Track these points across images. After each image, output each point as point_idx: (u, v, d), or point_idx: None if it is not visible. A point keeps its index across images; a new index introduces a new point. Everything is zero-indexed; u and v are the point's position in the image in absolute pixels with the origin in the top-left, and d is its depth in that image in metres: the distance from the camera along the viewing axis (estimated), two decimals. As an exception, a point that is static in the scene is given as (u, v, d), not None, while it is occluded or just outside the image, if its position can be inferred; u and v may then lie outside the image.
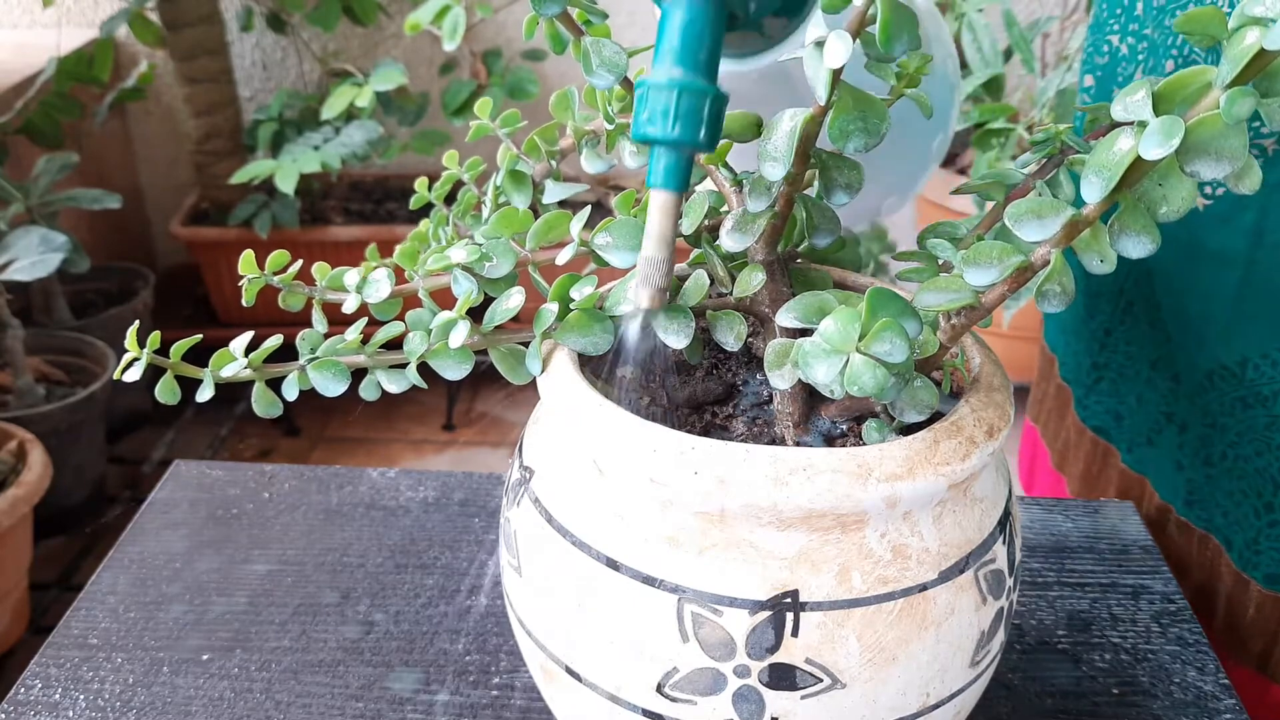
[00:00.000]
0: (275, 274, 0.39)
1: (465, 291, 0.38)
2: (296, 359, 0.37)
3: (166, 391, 0.36)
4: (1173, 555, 0.60)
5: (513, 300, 0.37)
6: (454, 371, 0.36)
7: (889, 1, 0.29)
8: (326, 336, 0.38)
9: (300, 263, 0.40)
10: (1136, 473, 0.63)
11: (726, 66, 0.42)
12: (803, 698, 0.33)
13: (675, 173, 0.34)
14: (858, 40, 0.30)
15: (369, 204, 2.02)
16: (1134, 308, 0.60)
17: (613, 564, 0.34)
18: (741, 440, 0.37)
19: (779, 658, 0.33)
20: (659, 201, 0.35)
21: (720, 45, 0.34)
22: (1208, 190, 0.53)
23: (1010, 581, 0.37)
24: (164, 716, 0.49)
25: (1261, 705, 0.58)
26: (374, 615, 0.54)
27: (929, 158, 0.54)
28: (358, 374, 0.38)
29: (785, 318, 0.34)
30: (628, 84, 0.38)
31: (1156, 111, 0.28)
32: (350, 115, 1.77)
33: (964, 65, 1.29)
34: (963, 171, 1.73)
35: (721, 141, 0.38)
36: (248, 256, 0.38)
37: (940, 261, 0.38)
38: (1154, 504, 0.62)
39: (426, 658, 0.52)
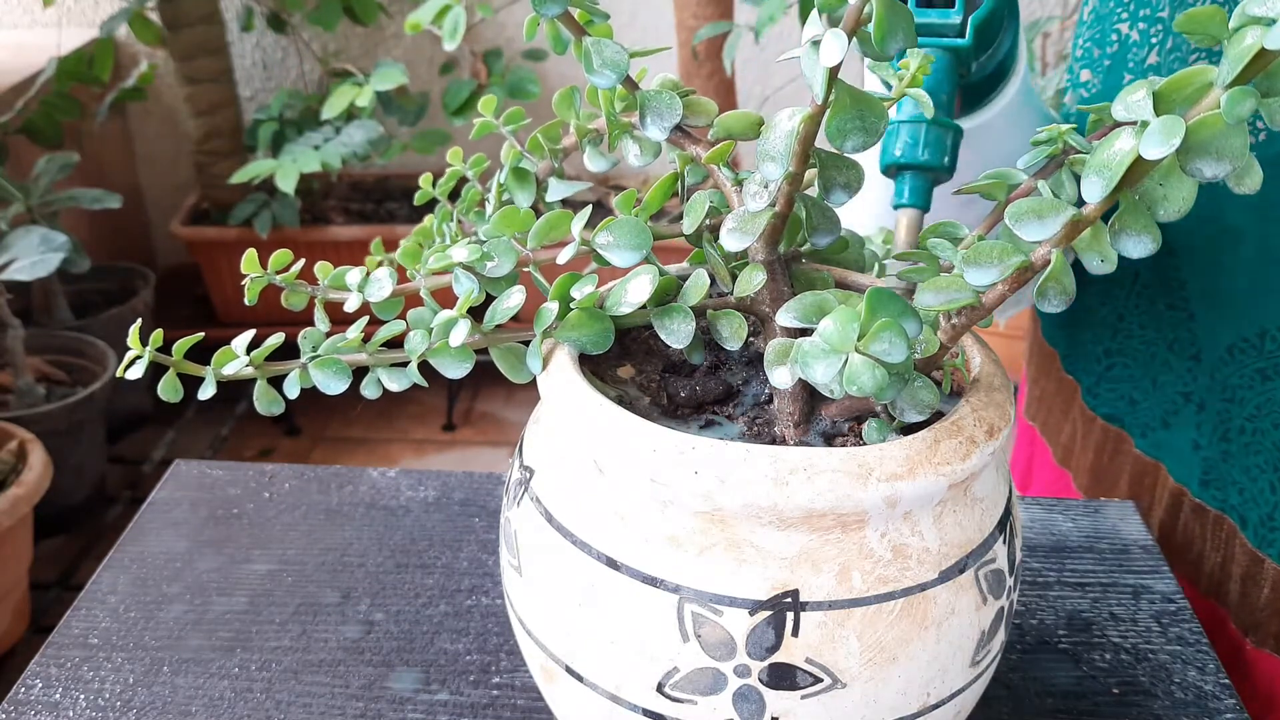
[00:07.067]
0: (278, 273, 0.39)
1: (466, 290, 0.38)
2: (297, 358, 0.37)
3: (169, 389, 0.36)
4: (1188, 541, 0.60)
5: (513, 299, 0.37)
6: (454, 370, 0.36)
7: (884, 0, 0.29)
8: (328, 335, 0.38)
9: (303, 262, 0.40)
10: (1151, 458, 0.63)
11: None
12: (803, 697, 0.33)
13: (920, 193, 0.41)
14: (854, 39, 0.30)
15: (369, 204, 2.02)
16: (1149, 290, 0.60)
17: (613, 564, 0.34)
18: (742, 440, 0.37)
19: (779, 657, 0.33)
20: (907, 219, 0.41)
21: (955, 93, 0.41)
22: None
23: (1010, 581, 0.37)
24: (164, 716, 0.49)
25: None
26: (374, 615, 0.54)
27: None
28: (359, 372, 0.38)
29: (785, 317, 0.34)
30: (630, 83, 0.38)
31: (1157, 111, 0.28)
32: (350, 115, 1.77)
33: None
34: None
35: (723, 141, 0.38)
36: (251, 255, 0.38)
37: (941, 261, 0.38)
38: (1168, 489, 0.61)
39: (426, 658, 0.52)
